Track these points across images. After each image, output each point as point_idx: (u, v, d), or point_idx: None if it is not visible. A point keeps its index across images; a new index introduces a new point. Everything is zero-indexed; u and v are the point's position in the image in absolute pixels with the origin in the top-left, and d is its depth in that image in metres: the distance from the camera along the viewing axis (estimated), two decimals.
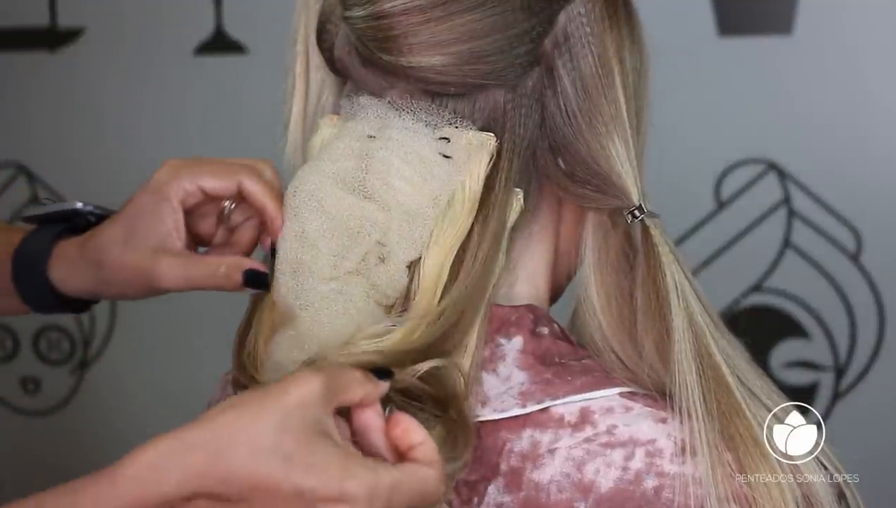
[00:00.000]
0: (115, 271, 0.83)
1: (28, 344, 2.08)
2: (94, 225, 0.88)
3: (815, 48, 1.72)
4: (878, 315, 1.76)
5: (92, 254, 0.84)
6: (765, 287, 1.79)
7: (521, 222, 0.75)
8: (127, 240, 0.82)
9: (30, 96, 2.02)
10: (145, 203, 0.81)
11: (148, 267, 0.80)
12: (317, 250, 0.73)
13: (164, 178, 0.81)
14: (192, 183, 0.80)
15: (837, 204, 1.75)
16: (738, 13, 1.75)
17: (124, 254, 0.81)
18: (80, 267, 0.86)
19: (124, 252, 0.81)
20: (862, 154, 1.74)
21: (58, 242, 0.89)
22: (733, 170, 1.77)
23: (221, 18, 1.93)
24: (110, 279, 0.84)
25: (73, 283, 0.87)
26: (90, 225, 0.89)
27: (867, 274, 1.75)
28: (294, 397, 0.61)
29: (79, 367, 2.07)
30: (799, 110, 1.74)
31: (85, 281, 0.87)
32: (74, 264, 0.87)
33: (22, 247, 0.90)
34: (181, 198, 0.81)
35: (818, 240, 1.76)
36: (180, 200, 0.81)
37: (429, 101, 0.74)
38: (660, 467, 0.70)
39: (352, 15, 0.73)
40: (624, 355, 0.75)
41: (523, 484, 0.71)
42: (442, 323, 0.70)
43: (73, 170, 2.01)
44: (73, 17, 1.99)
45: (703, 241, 1.77)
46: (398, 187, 0.73)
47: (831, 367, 1.78)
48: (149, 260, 0.80)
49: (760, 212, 1.77)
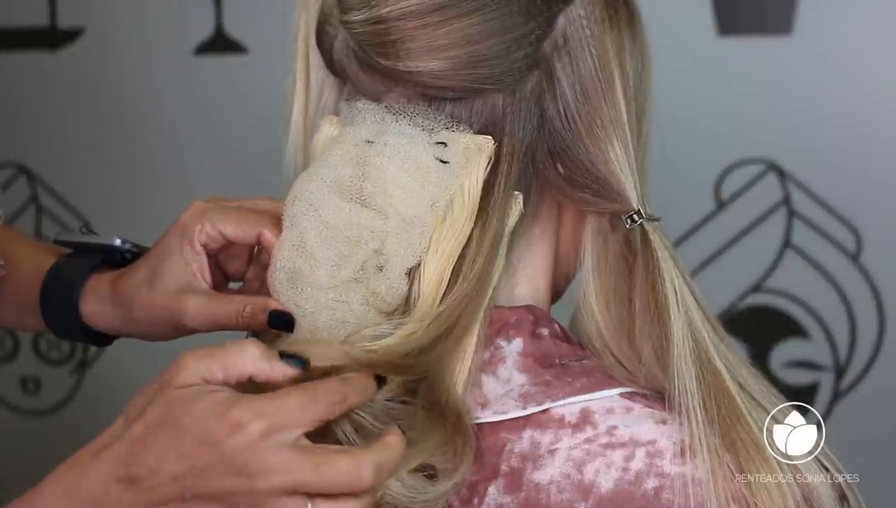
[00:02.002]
0: (144, 311, 0.84)
1: (28, 344, 2.08)
2: (130, 260, 0.90)
3: (815, 48, 1.72)
4: (878, 315, 1.76)
5: (121, 295, 0.86)
6: (765, 287, 1.79)
7: (522, 225, 0.75)
8: (152, 281, 0.83)
9: (30, 96, 2.02)
10: (170, 245, 0.83)
11: (175, 307, 0.81)
12: (315, 259, 0.73)
13: (188, 221, 0.82)
14: (214, 228, 0.82)
15: (837, 204, 1.75)
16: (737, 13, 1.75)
17: (151, 294, 0.83)
18: (110, 306, 0.88)
19: (151, 292, 0.83)
20: (862, 154, 1.73)
21: (91, 276, 0.90)
22: (733, 170, 1.77)
23: (221, 18, 1.93)
24: (138, 318, 0.85)
25: (102, 322, 0.89)
26: (125, 260, 0.91)
27: (867, 274, 1.75)
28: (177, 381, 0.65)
29: (79, 367, 2.07)
30: (799, 110, 1.74)
31: (114, 321, 0.88)
32: (105, 303, 0.88)
33: (55, 272, 0.91)
34: (204, 242, 0.82)
35: (818, 240, 1.76)
36: (203, 244, 0.82)
37: (426, 105, 0.74)
38: (660, 468, 0.70)
39: (349, 19, 0.73)
40: (623, 358, 0.75)
41: (523, 485, 0.71)
42: (437, 325, 0.70)
43: (73, 170, 2.01)
44: (73, 17, 1.99)
45: (703, 241, 1.77)
46: (395, 195, 0.72)
47: (831, 367, 1.78)
48: (175, 301, 0.81)
49: (760, 212, 1.77)
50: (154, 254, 0.84)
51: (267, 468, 0.62)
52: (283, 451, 0.62)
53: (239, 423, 0.62)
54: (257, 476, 0.62)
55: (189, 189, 0.86)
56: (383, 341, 0.70)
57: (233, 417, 0.63)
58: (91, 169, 1.99)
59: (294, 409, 0.63)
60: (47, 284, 0.91)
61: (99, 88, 1.99)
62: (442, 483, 0.67)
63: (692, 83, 1.71)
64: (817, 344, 1.78)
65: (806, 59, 1.72)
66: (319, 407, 0.64)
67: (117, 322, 0.88)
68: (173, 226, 0.84)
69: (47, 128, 2.02)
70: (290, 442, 0.63)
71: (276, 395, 0.64)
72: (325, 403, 0.64)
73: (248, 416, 0.62)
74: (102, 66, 1.98)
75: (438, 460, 0.67)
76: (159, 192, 1.93)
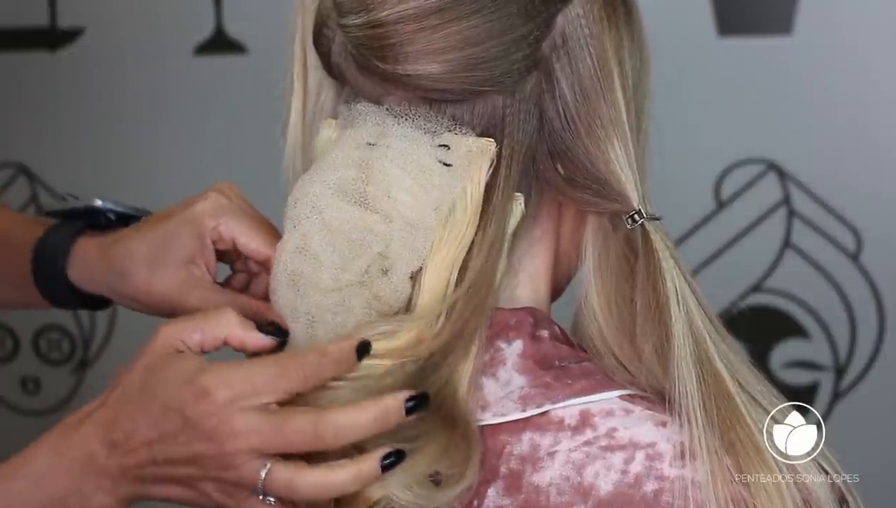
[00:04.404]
0: (141, 292, 0.84)
1: (28, 344, 2.08)
2: (115, 222, 0.90)
3: (815, 48, 1.72)
4: (878, 315, 1.76)
5: (116, 263, 0.85)
6: (765, 287, 1.79)
7: (523, 226, 0.75)
8: (154, 265, 0.83)
9: (30, 96, 2.02)
10: (180, 232, 0.82)
11: (177, 300, 0.82)
12: (318, 262, 0.73)
13: (203, 214, 0.82)
14: (229, 232, 0.82)
15: (837, 204, 1.75)
16: (738, 13, 1.75)
17: (152, 278, 0.83)
18: (99, 270, 0.87)
19: (152, 275, 0.83)
20: (862, 154, 1.73)
21: (78, 239, 0.89)
22: (733, 170, 1.77)
23: (221, 18, 1.93)
24: (132, 295, 0.85)
25: (90, 284, 0.89)
26: (110, 222, 0.91)
27: (867, 274, 1.75)
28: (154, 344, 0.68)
29: (79, 367, 2.07)
30: (799, 110, 1.74)
31: (102, 285, 0.88)
32: (94, 265, 0.88)
33: (43, 241, 0.92)
34: (214, 239, 0.82)
35: (818, 240, 1.76)
36: (213, 240, 0.82)
37: (427, 108, 0.73)
38: (659, 470, 0.70)
39: (347, 23, 0.73)
40: (624, 358, 0.75)
41: (523, 487, 0.71)
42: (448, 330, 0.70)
43: (73, 170, 2.01)
44: (73, 17, 1.99)
45: (703, 241, 1.77)
46: (399, 198, 0.72)
47: (831, 367, 1.78)
48: (178, 293, 0.82)
49: (760, 212, 1.77)
50: (158, 234, 0.84)
51: (234, 431, 0.64)
52: (248, 415, 0.64)
53: (206, 391, 0.64)
54: (225, 440, 0.64)
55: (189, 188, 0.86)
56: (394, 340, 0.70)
57: (200, 384, 0.65)
58: (91, 169, 1.99)
59: (262, 379, 0.65)
60: (37, 255, 0.91)
61: (99, 88, 1.98)
62: (449, 490, 0.67)
63: (692, 83, 1.71)
64: (817, 344, 1.78)
65: (806, 59, 1.72)
66: (290, 377, 0.66)
67: (104, 288, 0.88)
68: (185, 211, 0.83)
69: (47, 128, 2.02)
70: (255, 407, 0.64)
71: (245, 364, 0.66)
72: (296, 375, 0.66)
73: (214, 383, 0.65)
74: (102, 66, 1.98)
75: (444, 465, 0.67)
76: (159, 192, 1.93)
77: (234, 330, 0.68)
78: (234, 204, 0.83)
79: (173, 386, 0.65)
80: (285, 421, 0.64)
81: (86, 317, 2.05)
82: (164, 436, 0.65)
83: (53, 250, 0.90)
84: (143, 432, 0.66)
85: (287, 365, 0.66)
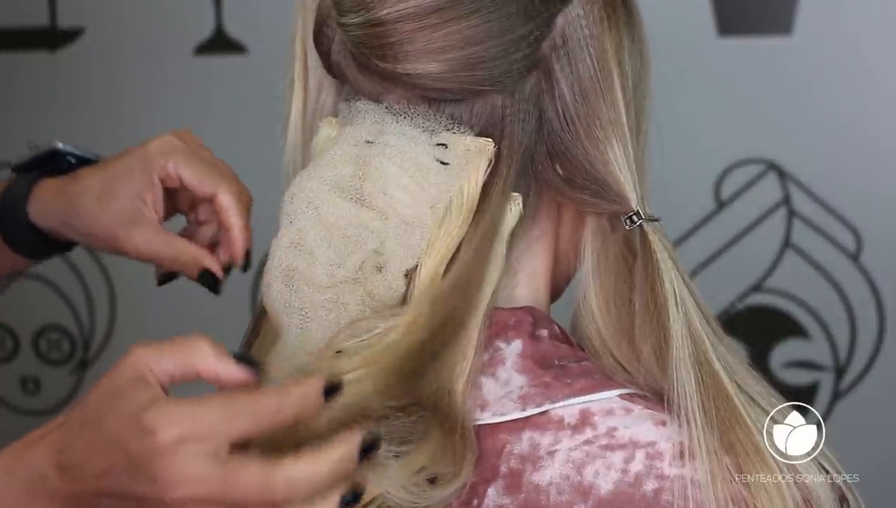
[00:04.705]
0: (86, 222, 0.85)
1: (28, 344, 2.08)
2: (76, 166, 0.92)
3: (815, 48, 1.72)
4: (878, 315, 1.76)
5: (70, 198, 0.87)
6: (765, 287, 1.79)
7: (521, 226, 0.75)
8: (102, 196, 0.84)
9: (30, 96, 2.02)
10: (130, 167, 0.84)
11: (121, 234, 0.82)
12: (313, 257, 0.73)
13: (155, 152, 0.83)
14: (175, 168, 0.82)
15: (837, 204, 1.75)
16: (737, 13, 1.75)
17: (100, 209, 0.84)
18: (55, 206, 0.88)
19: (100, 207, 0.84)
20: (862, 154, 1.74)
21: (39, 182, 0.91)
22: (733, 170, 1.77)
23: (221, 18, 1.93)
24: (79, 228, 0.86)
25: (48, 220, 0.90)
26: (72, 166, 0.92)
27: (867, 274, 1.75)
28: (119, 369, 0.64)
29: (79, 367, 2.07)
30: (799, 110, 1.74)
31: (58, 220, 0.89)
32: (51, 203, 0.89)
33: (6, 192, 0.93)
34: (162, 176, 0.83)
35: (818, 240, 1.76)
36: (161, 178, 0.83)
37: (426, 107, 0.73)
38: (659, 469, 0.70)
39: (347, 22, 0.73)
40: (622, 359, 0.75)
41: (523, 486, 0.71)
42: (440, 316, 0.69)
43: None
44: (73, 17, 1.99)
45: (703, 241, 1.77)
46: (396, 196, 0.72)
47: (831, 367, 1.78)
48: (122, 228, 0.82)
49: (760, 212, 1.77)
50: (110, 169, 0.85)
51: (177, 478, 0.59)
52: (193, 461, 0.59)
53: (150, 429, 0.60)
54: (167, 486, 0.60)
55: None
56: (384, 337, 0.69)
57: (145, 421, 0.60)
58: None
59: (212, 419, 0.60)
60: (2, 204, 0.92)
61: (99, 88, 1.99)
62: (443, 488, 0.67)
63: (692, 83, 1.71)
64: (817, 344, 1.78)
65: (806, 59, 1.73)
66: (243, 419, 0.60)
67: (60, 223, 0.88)
68: (139, 149, 0.84)
69: (47, 128, 2.02)
70: (205, 452, 0.59)
71: (196, 402, 0.61)
72: (247, 419, 0.61)
73: (160, 423, 0.60)
74: (102, 67, 1.98)
75: (439, 464, 0.67)
76: None
77: (208, 359, 0.63)
78: (188, 146, 0.84)
79: (124, 418, 0.61)
80: (233, 472, 0.59)
81: (86, 317, 2.05)
82: (112, 470, 0.61)
83: (15, 195, 0.92)
84: (94, 462, 0.62)
85: (239, 407, 0.61)
